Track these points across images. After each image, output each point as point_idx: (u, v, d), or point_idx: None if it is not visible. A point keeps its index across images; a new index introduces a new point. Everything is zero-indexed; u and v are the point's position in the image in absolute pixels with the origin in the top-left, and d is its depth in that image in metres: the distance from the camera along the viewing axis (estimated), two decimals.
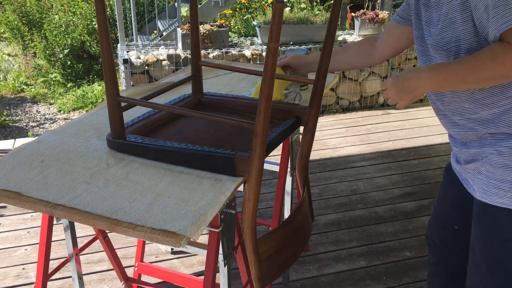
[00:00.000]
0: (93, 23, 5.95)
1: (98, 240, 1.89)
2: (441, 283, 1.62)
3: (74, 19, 5.94)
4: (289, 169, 2.11)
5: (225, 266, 1.37)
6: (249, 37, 4.42)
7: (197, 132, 1.53)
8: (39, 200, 1.20)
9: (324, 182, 3.15)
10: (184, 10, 4.79)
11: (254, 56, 3.92)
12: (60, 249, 2.48)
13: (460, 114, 1.28)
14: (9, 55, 6.21)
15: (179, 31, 3.85)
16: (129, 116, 1.58)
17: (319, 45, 4.05)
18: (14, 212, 2.81)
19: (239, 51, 3.90)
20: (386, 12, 4.35)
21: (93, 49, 5.92)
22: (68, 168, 1.33)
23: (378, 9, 5.34)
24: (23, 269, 2.37)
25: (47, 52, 5.60)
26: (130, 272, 2.18)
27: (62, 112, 4.92)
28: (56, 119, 4.79)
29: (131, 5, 4.33)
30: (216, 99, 1.73)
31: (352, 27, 5.20)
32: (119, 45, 3.98)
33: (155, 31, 5.64)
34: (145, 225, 1.10)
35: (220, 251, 1.34)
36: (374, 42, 1.62)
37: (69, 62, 5.66)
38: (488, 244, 1.27)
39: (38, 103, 5.16)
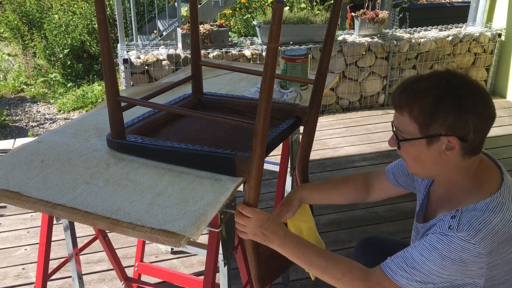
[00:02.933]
0: (93, 23, 5.95)
1: (98, 240, 1.89)
2: None
3: (74, 19, 5.93)
4: (289, 169, 2.11)
5: (225, 266, 1.37)
6: (249, 37, 4.41)
7: (197, 132, 1.53)
8: (39, 200, 1.20)
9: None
10: (184, 10, 4.79)
11: (254, 56, 3.92)
12: (60, 249, 2.48)
13: None
14: (9, 55, 6.21)
15: (179, 31, 3.85)
16: (129, 116, 1.58)
17: (319, 45, 4.05)
18: (14, 212, 2.81)
19: (239, 51, 3.90)
20: (386, 12, 4.35)
21: (93, 49, 5.91)
22: (68, 168, 1.33)
23: (378, 9, 5.34)
24: (23, 269, 2.37)
25: (47, 52, 5.59)
26: (130, 272, 2.18)
27: (62, 112, 4.92)
28: (56, 119, 4.79)
29: (131, 5, 4.33)
30: (216, 99, 1.73)
31: (352, 27, 5.20)
32: (119, 45, 3.98)
33: (155, 31, 5.63)
34: (145, 225, 1.10)
35: (220, 251, 1.34)
36: (368, 181, 1.56)
37: (69, 62, 5.65)
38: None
39: (38, 103, 5.16)
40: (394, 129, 1.19)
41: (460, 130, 1.09)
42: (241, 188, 1.30)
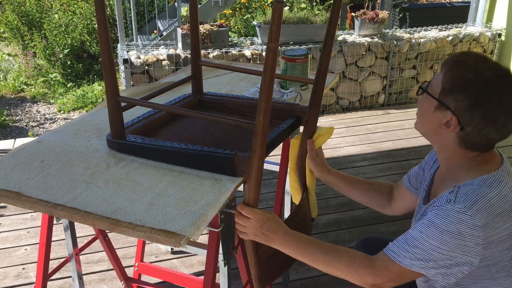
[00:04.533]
0: (93, 22, 5.95)
1: (98, 240, 1.89)
2: None
3: (74, 19, 5.93)
4: (289, 169, 2.11)
5: (225, 266, 1.37)
6: (249, 37, 4.42)
7: (197, 132, 1.53)
8: (38, 200, 1.20)
9: (324, 182, 3.14)
10: (184, 10, 4.79)
11: (254, 56, 3.92)
12: (60, 249, 2.48)
13: None
14: (9, 55, 6.21)
15: (179, 31, 3.85)
16: (129, 116, 1.58)
17: (319, 45, 4.05)
18: (14, 212, 2.81)
19: (239, 51, 3.90)
20: (386, 12, 4.35)
21: (93, 49, 5.91)
22: (68, 168, 1.33)
23: (378, 9, 5.34)
24: (23, 269, 2.37)
25: (47, 52, 5.60)
26: (130, 272, 2.18)
27: (62, 112, 4.92)
28: (56, 119, 4.79)
29: (131, 5, 4.33)
30: (216, 99, 1.73)
31: (352, 27, 5.20)
32: (119, 45, 3.98)
33: (155, 31, 5.63)
34: (145, 225, 1.10)
35: (220, 251, 1.34)
36: (392, 191, 1.57)
37: (69, 62, 5.65)
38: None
39: (38, 103, 5.16)
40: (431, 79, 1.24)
41: (464, 118, 1.13)
42: (241, 188, 1.30)
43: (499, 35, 4.49)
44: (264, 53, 3.91)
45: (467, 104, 1.12)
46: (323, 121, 4.12)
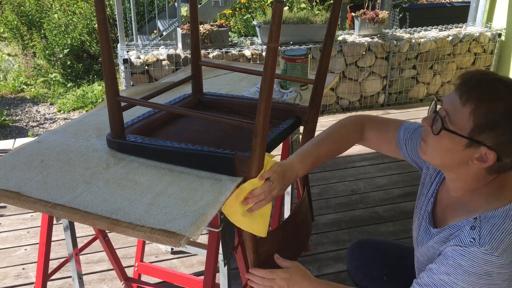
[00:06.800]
0: (93, 22, 5.95)
1: (98, 240, 1.89)
2: None
3: (73, 19, 5.93)
4: None
5: (225, 266, 1.37)
6: (249, 37, 4.42)
7: (197, 132, 1.53)
8: (38, 200, 1.20)
9: (324, 182, 3.15)
10: (184, 10, 4.79)
11: (254, 56, 3.92)
12: (60, 249, 2.48)
13: None
14: (9, 55, 6.21)
15: (179, 31, 3.85)
16: (129, 116, 1.58)
17: (319, 45, 4.05)
18: (14, 212, 2.81)
19: (239, 51, 3.90)
20: (386, 12, 4.35)
21: (93, 49, 5.91)
22: (68, 168, 1.33)
23: (378, 9, 5.34)
24: (23, 269, 2.37)
25: (47, 52, 5.59)
26: (130, 272, 2.18)
27: (62, 112, 4.92)
28: (56, 119, 4.79)
29: (131, 5, 4.33)
30: (216, 99, 1.73)
31: (352, 27, 5.20)
32: (119, 45, 3.98)
33: (155, 31, 5.63)
34: (145, 225, 1.10)
35: (220, 251, 1.34)
36: (363, 135, 1.42)
37: (69, 62, 5.65)
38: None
39: (38, 103, 5.16)
40: (443, 113, 1.09)
41: (504, 151, 1.04)
42: None
43: (499, 35, 4.49)
44: (264, 53, 3.91)
45: (507, 138, 1.01)
46: (323, 121, 4.12)
